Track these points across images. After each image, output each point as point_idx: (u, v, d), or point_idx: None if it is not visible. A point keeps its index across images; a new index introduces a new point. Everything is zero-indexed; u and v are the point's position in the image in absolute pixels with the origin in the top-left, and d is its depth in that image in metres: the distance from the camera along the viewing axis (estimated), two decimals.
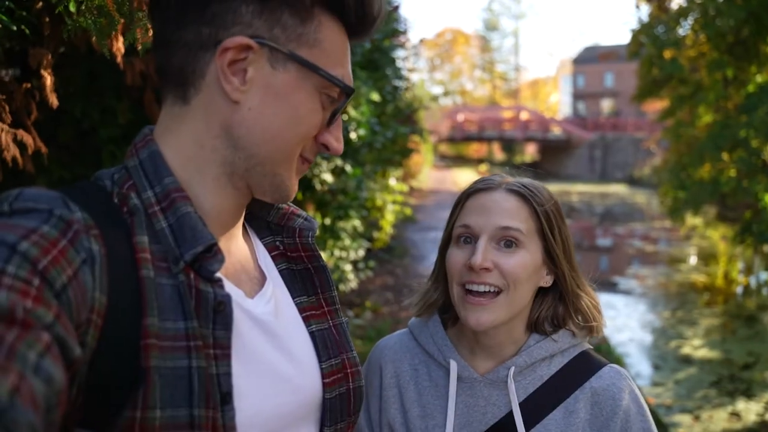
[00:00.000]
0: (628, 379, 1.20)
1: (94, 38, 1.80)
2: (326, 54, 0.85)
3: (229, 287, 0.85)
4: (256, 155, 0.85)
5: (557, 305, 1.23)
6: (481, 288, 1.15)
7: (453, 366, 1.22)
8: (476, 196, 1.21)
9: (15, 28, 1.71)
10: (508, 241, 1.16)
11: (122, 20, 1.73)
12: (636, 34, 12.17)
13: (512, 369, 1.18)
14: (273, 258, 1.02)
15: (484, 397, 1.20)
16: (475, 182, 1.26)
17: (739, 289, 11.04)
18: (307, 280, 1.02)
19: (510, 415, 1.17)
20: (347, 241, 5.85)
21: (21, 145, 1.96)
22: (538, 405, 1.17)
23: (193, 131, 0.85)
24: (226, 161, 0.85)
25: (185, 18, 0.82)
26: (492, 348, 1.22)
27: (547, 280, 1.22)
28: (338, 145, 0.91)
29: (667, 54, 10.87)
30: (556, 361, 1.21)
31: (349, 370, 0.99)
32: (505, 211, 1.17)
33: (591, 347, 1.27)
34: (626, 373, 1.22)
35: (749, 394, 5.92)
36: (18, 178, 2.33)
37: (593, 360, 1.23)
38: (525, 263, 1.16)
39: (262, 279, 0.95)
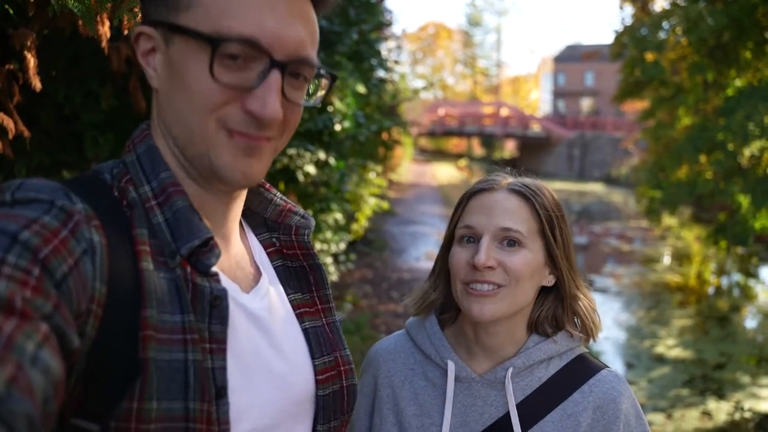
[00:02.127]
0: (626, 383, 1.21)
1: (80, 21, 1.75)
2: (205, 10, 0.77)
3: (225, 282, 0.85)
4: (176, 138, 0.82)
5: (557, 305, 1.24)
6: (485, 287, 1.15)
7: (450, 366, 1.22)
8: (478, 196, 1.22)
9: None
10: (510, 240, 1.17)
11: (110, 5, 1.69)
12: (619, 36, 12.29)
13: (510, 370, 1.19)
14: (269, 254, 1.01)
15: (482, 397, 1.20)
16: (477, 182, 1.26)
17: (711, 290, 11.23)
18: (302, 278, 1.02)
19: (507, 416, 1.17)
20: (328, 234, 5.83)
21: (2, 129, 1.91)
22: (535, 406, 1.17)
23: (158, 126, 0.86)
24: (172, 152, 0.85)
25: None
26: (492, 348, 1.22)
27: (549, 279, 1.23)
28: (263, 110, 0.77)
29: (649, 56, 10.99)
30: (553, 364, 1.21)
31: (342, 368, 0.99)
32: (507, 211, 1.18)
33: (587, 351, 1.28)
34: (623, 377, 1.23)
35: (720, 394, 6.03)
36: None
37: (591, 363, 1.23)
38: (528, 261, 1.17)
39: (258, 275, 0.95)
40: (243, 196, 0.93)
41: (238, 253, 0.94)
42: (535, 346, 1.21)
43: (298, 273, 1.02)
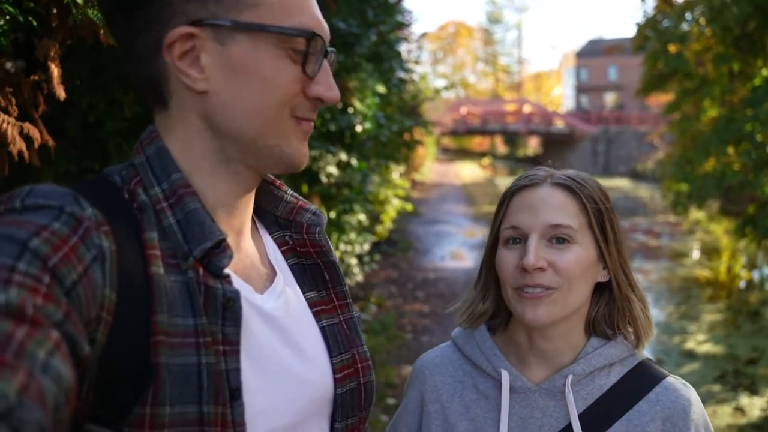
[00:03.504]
0: (694, 392, 1.13)
1: (101, 30, 1.79)
2: (272, 8, 0.80)
3: (239, 283, 0.85)
4: (242, 136, 0.83)
5: (612, 304, 1.16)
6: (537, 290, 1.08)
7: (505, 376, 1.14)
8: (521, 193, 1.14)
9: (22, 19, 1.70)
10: (559, 237, 1.09)
11: None
12: (641, 28, 12.15)
13: (570, 377, 1.11)
14: (283, 253, 1.00)
15: (540, 408, 1.12)
16: (519, 178, 1.18)
17: (742, 284, 11.01)
18: (318, 275, 1.01)
19: (569, 427, 1.09)
20: (352, 235, 5.85)
21: (27, 139, 1.95)
22: (598, 417, 1.10)
23: (179, 134, 0.85)
24: (218, 150, 0.85)
25: (134, 29, 0.82)
26: (548, 354, 1.14)
27: (604, 275, 1.15)
28: (331, 94, 0.86)
29: (672, 48, 10.84)
30: (615, 371, 1.14)
31: (359, 365, 0.99)
32: (554, 207, 1.10)
33: (648, 357, 1.19)
34: (690, 385, 1.15)
35: (753, 390, 5.91)
36: (24, 171, 2.32)
37: (655, 370, 1.15)
38: (579, 258, 1.09)
39: (272, 274, 0.95)
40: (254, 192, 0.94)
41: (252, 254, 0.93)
42: (594, 351, 1.13)
43: (313, 270, 1.01)
